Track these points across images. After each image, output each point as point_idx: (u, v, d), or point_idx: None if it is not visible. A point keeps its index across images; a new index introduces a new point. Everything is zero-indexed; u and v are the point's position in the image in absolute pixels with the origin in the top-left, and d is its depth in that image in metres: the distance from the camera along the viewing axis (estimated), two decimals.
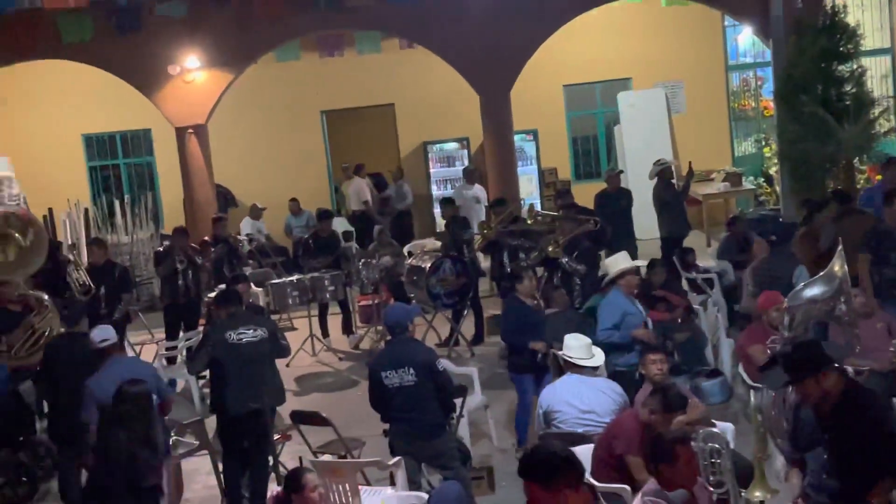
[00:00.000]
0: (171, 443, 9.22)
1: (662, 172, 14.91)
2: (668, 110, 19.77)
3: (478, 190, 18.11)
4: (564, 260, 12.16)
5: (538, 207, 19.87)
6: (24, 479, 9.77)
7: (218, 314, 9.59)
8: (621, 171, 16.75)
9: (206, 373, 9.74)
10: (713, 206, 18.90)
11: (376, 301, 14.13)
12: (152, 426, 7.19)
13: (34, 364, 10.19)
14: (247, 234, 17.06)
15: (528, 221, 13.48)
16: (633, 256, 14.15)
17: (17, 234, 10.94)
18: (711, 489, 6.37)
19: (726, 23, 20.64)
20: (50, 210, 18.55)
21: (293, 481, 6.60)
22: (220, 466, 9.15)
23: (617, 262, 9.96)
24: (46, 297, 10.81)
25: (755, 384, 8.75)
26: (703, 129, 20.21)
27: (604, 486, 6.95)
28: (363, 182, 19.92)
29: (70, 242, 15.81)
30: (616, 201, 14.93)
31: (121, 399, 7.12)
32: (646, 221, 16.28)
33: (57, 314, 10.75)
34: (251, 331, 8.72)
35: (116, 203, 18.88)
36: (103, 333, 8.52)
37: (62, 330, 10.25)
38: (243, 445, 8.69)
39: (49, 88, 19.87)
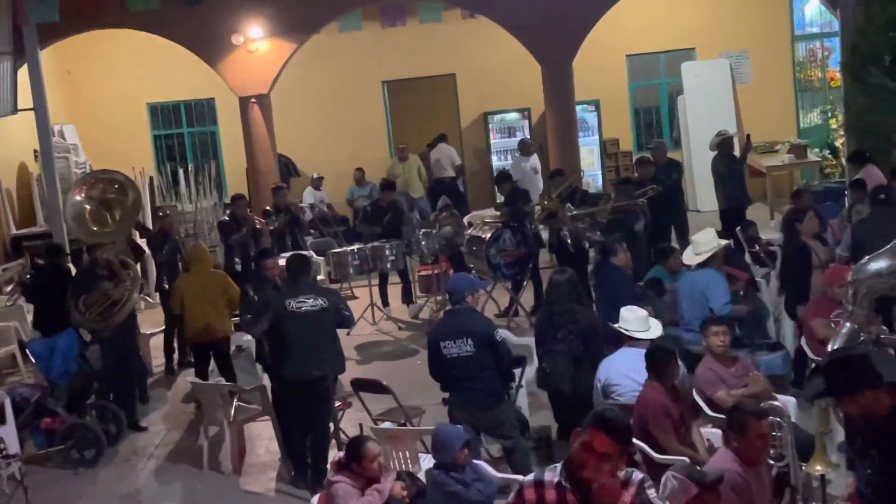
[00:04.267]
0: (233, 408, 9.42)
1: (722, 144, 14.74)
2: (732, 81, 19.52)
3: (535, 161, 18.06)
4: (565, 233, 12.67)
5: (599, 180, 19.86)
6: (91, 442, 10.00)
7: (268, 280, 9.97)
8: (664, 142, 16.45)
9: None
10: (777, 178, 18.66)
11: (436, 271, 14.17)
12: None
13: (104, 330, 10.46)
14: (309, 204, 17.20)
15: (545, 202, 13.64)
16: (684, 230, 14.16)
17: (119, 198, 11.17)
18: (772, 462, 6.36)
19: None
20: None
21: (355, 450, 6.66)
22: None
23: (709, 241, 10.01)
24: (133, 264, 11.07)
25: (817, 358, 8.68)
26: (768, 100, 19.95)
27: (664, 458, 6.95)
28: (452, 149, 20.04)
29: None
30: (667, 175, 14.66)
31: None
32: (707, 193, 16.15)
33: (139, 283, 11.04)
34: (311, 300, 8.80)
35: (180, 171, 19.11)
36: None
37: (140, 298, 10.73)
38: (303, 411, 8.81)
39: (115, 58, 20.09)
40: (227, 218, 14.25)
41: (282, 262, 10.14)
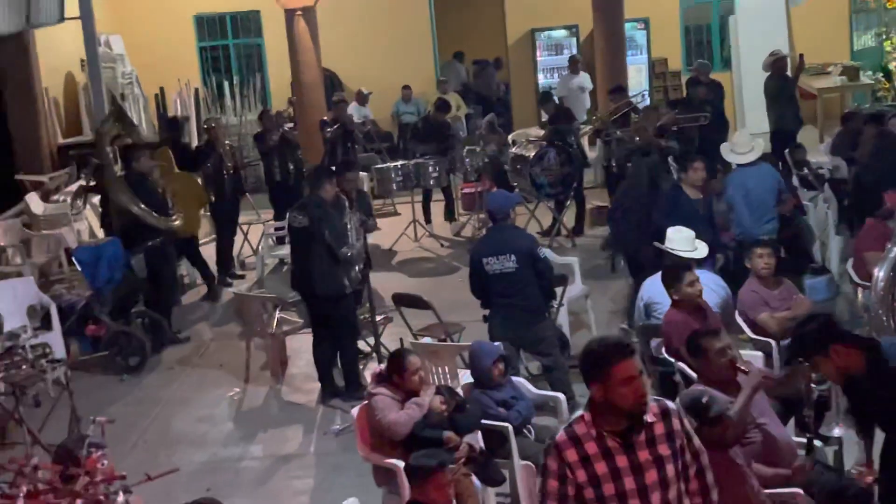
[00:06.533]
0: (274, 320, 9.52)
1: (775, 64, 14.45)
2: (786, 1, 19.10)
3: (583, 78, 17.83)
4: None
5: (647, 98, 19.57)
6: (135, 349, 10.15)
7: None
8: (707, 63, 16.09)
9: None
10: (829, 101, 18.33)
11: (479, 189, 14.12)
12: None
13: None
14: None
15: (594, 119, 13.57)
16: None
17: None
18: (813, 386, 6.31)
19: None
20: (161, 89, 18.86)
21: (396, 362, 6.69)
22: None
23: (748, 140, 10.44)
24: None
25: (863, 282, 8.59)
26: (822, 22, 19.51)
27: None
28: (462, 66, 20.02)
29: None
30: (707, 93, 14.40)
31: None
32: (758, 115, 15.90)
33: None
34: (301, 216, 8.92)
35: (226, 84, 19.07)
36: None
37: None
38: (324, 325, 9.04)
39: None
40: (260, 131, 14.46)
41: None
